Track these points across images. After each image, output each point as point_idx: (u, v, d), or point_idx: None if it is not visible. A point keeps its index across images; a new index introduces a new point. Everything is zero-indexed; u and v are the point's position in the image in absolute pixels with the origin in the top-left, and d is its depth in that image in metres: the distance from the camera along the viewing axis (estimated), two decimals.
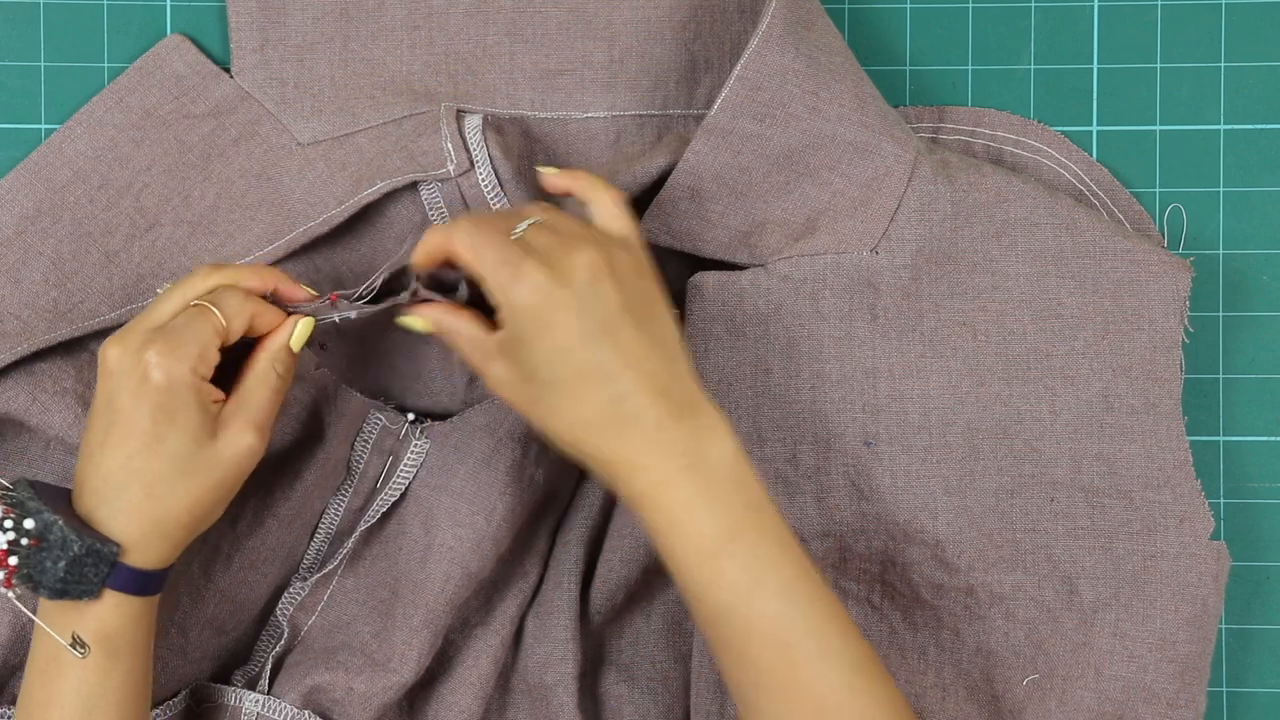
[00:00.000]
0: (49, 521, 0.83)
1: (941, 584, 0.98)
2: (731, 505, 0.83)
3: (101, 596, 0.84)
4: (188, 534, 0.86)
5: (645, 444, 0.82)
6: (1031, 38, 1.03)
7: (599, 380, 0.82)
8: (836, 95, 0.95)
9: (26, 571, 0.83)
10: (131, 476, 0.84)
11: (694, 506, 0.82)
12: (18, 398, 0.93)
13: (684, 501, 0.82)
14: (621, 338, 0.83)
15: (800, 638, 0.82)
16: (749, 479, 0.84)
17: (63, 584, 0.83)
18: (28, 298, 0.97)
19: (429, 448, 0.96)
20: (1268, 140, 1.02)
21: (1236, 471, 1.03)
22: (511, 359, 0.84)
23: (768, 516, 0.84)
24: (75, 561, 0.82)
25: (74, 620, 0.84)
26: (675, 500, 0.82)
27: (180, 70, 1.00)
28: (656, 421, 0.82)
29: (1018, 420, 0.97)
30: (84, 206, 0.99)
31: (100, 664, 0.85)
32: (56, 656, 0.85)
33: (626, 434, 0.82)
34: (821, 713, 0.82)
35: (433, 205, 0.97)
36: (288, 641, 0.96)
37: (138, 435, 0.84)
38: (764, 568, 0.83)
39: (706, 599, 0.83)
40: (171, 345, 0.84)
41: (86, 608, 0.84)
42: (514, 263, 0.83)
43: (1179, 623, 0.97)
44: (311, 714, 0.94)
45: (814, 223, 0.98)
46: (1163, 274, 0.97)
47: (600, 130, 1.01)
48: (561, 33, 1.01)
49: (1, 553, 0.83)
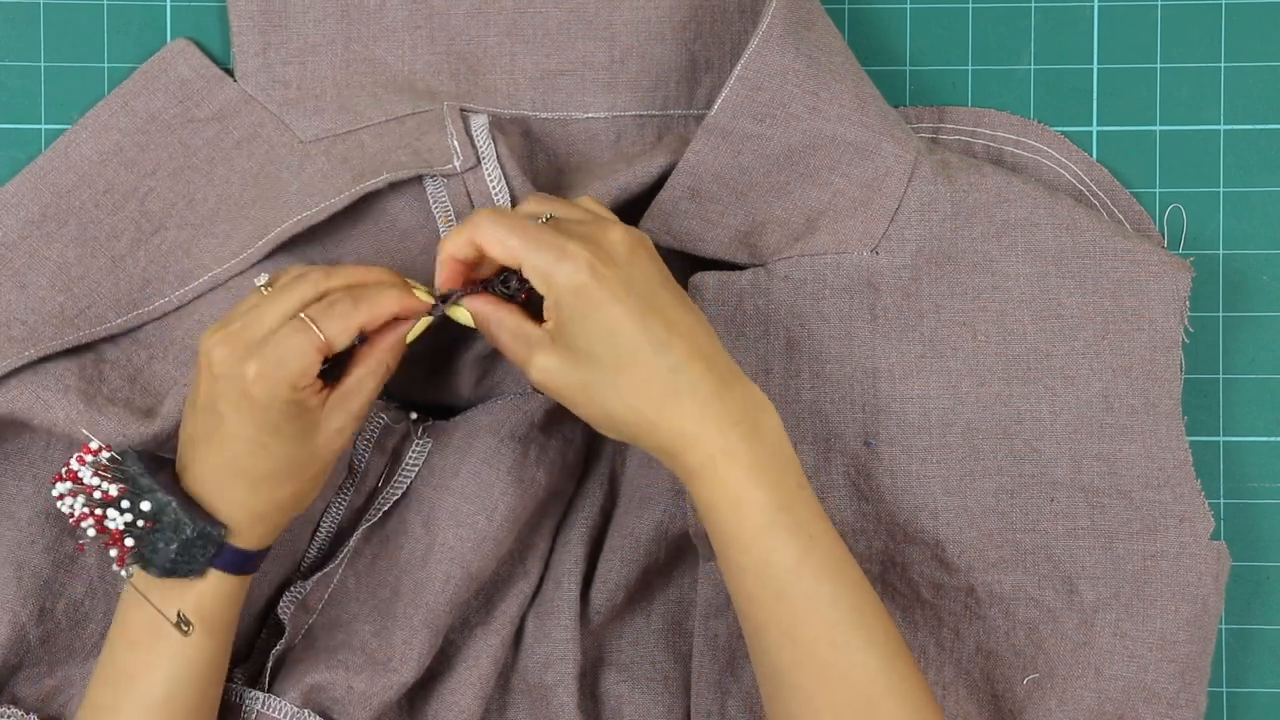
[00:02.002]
0: (163, 503, 0.84)
1: (941, 584, 0.98)
2: (784, 479, 0.84)
3: (205, 575, 0.85)
4: (288, 518, 0.88)
5: (702, 415, 0.83)
6: (1031, 38, 1.03)
7: (655, 352, 0.83)
8: (837, 95, 0.95)
9: (139, 551, 0.84)
10: (237, 474, 0.85)
11: (750, 478, 0.83)
12: (21, 397, 0.94)
13: (742, 473, 0.83)
14: (667, 310, 0.84)
15: (844, 617, 0.84)
16: (794, 455, 0.85)
17: (172, 564, 0.84)
18: (34, 303, 0.98)
19: (431, 447, 0.96)
20: (1268, 140, 1.02)
21: (1236, 471, 1.02)
22: (562, 345, 0.84)
23: (810, 494, 0.85)
24: (187, 544, 0.84)
25: (173, 597, 0.86)
26: (733, 472, 0.83)
27: (185, 74, 1.01)
28: (712, 391, 0.83)
29: (1018, 420, 0.97)
30: (90, 211, 0.99)
31: (195, 640, 0.86)
32: (152, 630, 0.86)
33: (684, 405, 0.83)
34: (864, 697, 0.83)
35: (438, 201, 0.97)
36: (289, 640, 0.96)
37: (241, 442, 0.85)
38: (812, 545, 0.84)
39: (759, 574, 0.84)
40: (272, 365, 0.83)
41: (188, 585, 0.86)
42: (557, 245, 0.83)
43: (1179, 622, 0.97)
44: (311, 713, 0.94)
45: (814, 223, 0.98)
46: (1163, 274, 0.97)
47: (601, 130, 1.01)
48: (562, 33, 1.01)
49: (118, 533, 0.85)
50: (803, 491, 0.85)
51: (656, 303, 0.84)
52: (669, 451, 0.84)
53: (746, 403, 0.84)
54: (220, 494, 0.85)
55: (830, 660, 0.84)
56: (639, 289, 0.84)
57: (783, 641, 0.84)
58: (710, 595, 0.98)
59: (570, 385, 0.85)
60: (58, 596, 0.97)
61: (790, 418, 0.97)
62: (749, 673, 0.98)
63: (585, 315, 0.83)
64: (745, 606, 0.85)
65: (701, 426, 0.83)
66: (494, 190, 0.96)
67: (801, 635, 0.84)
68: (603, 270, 0.83)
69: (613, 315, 0.83)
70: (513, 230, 0.84)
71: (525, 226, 0.84)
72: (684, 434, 0.84)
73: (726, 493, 0.84)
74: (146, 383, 0.97)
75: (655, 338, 0.83)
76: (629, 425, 0.84)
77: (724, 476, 0.83)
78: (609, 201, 0.97)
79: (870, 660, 0.84)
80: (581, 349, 0.84)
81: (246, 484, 0.85)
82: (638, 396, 0.83)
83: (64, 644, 0.97)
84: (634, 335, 0.83)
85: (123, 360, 0.97)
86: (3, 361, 0.94)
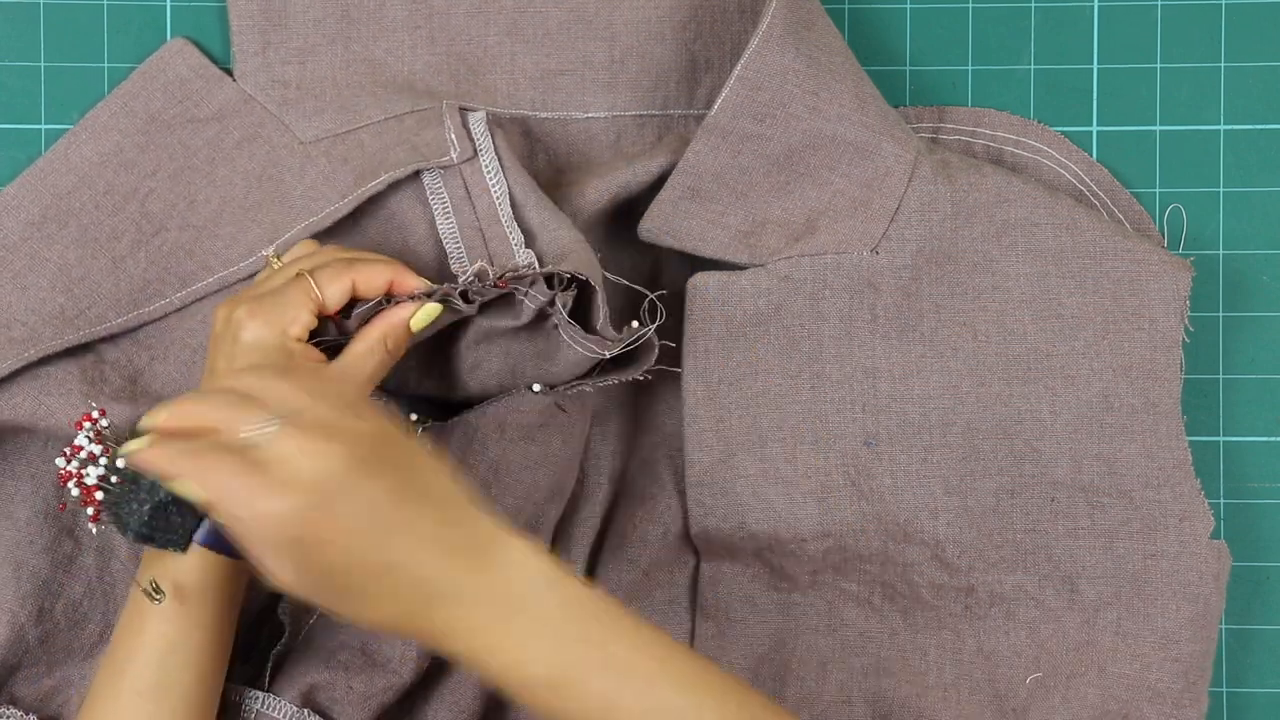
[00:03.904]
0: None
1: (942, 584, 0.98)
2: (563, 637, 0.77)
3: (187, 551, 0.84)
4: None
5: (458, 611, 0.77)
6: (1031, 38, 1.03)
7: (390, 573, 0.76)
8: (837, 95, 0.95)
9: (114, 511, 0.84)
10: None
11: (528, 651, 0.77)
12: (24, 402, 0.94)
13: (516, 648, 0.77)
14: (394, 521, 0.76)
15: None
16: (571, 598, 0.78)
17: (147, 529, 0.83)
18: (34, 304, 0.97)
19: (429, 446, 0.96)
20: (1268, 140, 1.02)
21: (1236, 471, 1.02)
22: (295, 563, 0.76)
23: (604, 628, 0.78)
24: (160, 507, 0.83)
25: (161, 572, 0.86)
26: (508, 655, 0.77)
27: (184, 74, 1.01)
28: (458, 586, 0.76)
29: (1018, 420, 0.97)
30: (90, 212, 0.99)
31: (178, 618, 0.86)
32: (140, 611, 0.87)
33: (437, 611, 0.77)
34: None
35: (434, 191, 0.97)
36: (288, 640, 0.96)
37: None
38: (617, 687, 0.77)
39: None
40: (265, 308, 0.86)
41: (174, 560, 0.86)
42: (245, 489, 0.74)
43: (1181, 622, 0.97)
44: (311, 712, 0.94)
45: (814, 223, 0.98)
46: (1163, 274, 0.97)
47: (600, 130, 1.01)
48: (562, 33, 1.01)
49: (92, 488, 0.85)
50: (589, 642, 0.77)
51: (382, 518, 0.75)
52: (444, 651, 0.78)
53: (505, 572, 0.77)
54: None
55: None
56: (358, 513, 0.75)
57: None
58: (711, 595, 0.98)
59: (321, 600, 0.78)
60: (56, 597, 0.97)
61: (790, 418, 0.97)
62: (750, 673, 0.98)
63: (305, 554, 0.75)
64: None
65: (462, 623, 0.76)
66: (490, 181, 0.96)
67: None
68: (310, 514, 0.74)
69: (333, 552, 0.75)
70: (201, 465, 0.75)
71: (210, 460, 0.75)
72: (448, 635, 0.77)
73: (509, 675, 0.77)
74: (147, 385, 0.97)
75: (386, 558, 0.75)
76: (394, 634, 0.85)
77: (500, 663, 0.77)
78: (609, 201, 0.97)
79: None
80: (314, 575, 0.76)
81: None
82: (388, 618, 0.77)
83: (63, 644, 0.97)
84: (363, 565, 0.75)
85: (124, 361, 0.97)
86: (3, 363, 0.94)
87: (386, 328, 0.89)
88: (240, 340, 0.86)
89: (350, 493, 0.75)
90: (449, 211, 0.97)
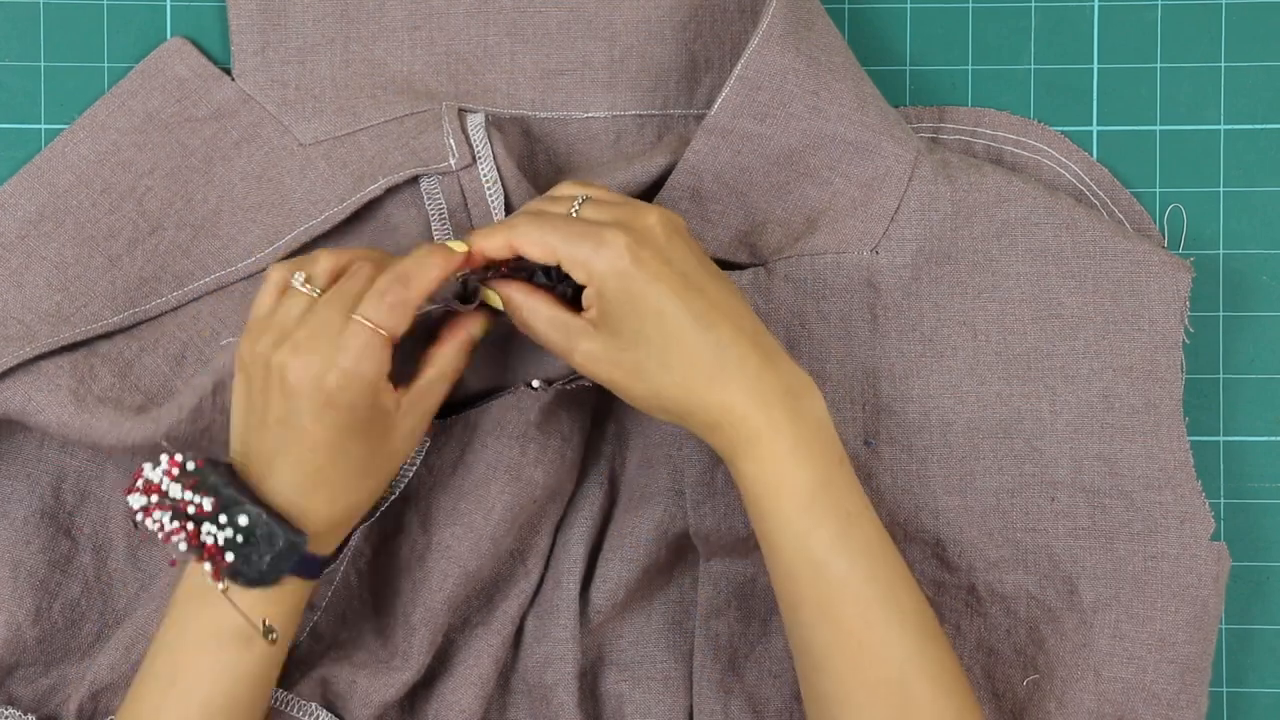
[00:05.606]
0: (256, 516, 0.83)
1: (942, 583, 0.98)
2: (825, 457, 0.85)
3: (281, 584, 0.85)
4: (354, 522, 0.89)
5: (749, 391, 0.84)
6: (1031, 38, 1.03)
7: (701, 330, 0.84)
8: (837, 95, 0.95)
9: (234, 565, 0.83)
10: (320, 485, 0.85)
11: (795, 455, 0.84)
12: (14, 399, 0.93)
13: (785, 449, 0.84)
14: (709, 290, 0.85)
15: (879, 596, 0.84)
16: (835, 435, 0.86)
17: (261, 575, 0.83)
18: (30, 301, 0.97)
19: (429, 446, 0.96)
20: (1268, 140, 1.02)
21: (1236, 471, 1.02)
22: (606, 330, 0.85)
23: (850, 474, 0.86)
24: (277, 555, 0.83)
25: (249, 604, 0.85)
26: (776, 448, 0.84)
27: (182, 73, 1.01)
28: (758, 368, 0.84)
29: (1018, 420, 0.97)
30: (87, 211, 0.99)
31: (263, 652, 0.86)
32: (218, 634, 0.85)
33: (731, 382, 0.84)
34: (897, 677, 0.84)
35: (431, 197, 0.97)
36: (296, 636, 0.96)
37: (324, 451, 0.84)
38: (850, 524, 0.85)
39: (796, 551, 0.84)
40: (352, 373, 0.83)
41: (263, 593, 0.85)
42: (593, 233, 0.84)
43: (1179, 623, 0.96)
44: (319, 706, 0.94)
45: (814, 222, 0.98)
46: (1163, 274, 0.97)
47: (601, 130, 1.01)
48: (562, 33, 1.01)
49: (216, 548, 0.83)
50: (843, 470, 0.86)
51: (697, 282, 0.85)
52: (713, 426, 0.85)
53: (791, 380, 0.85)
54: (300, 504, 0.84)
55: (864, 639, 0.84)
56: (679, 269, 0.85)
57: (817, 618, 0.85)
58: (711, 595, 0.98)
59: (619, 368, 0.86)
60: (54, 596, 0.97)
61: None
62: (751, 672, 0.98)
63: (629, 299, 0.84)
64: (781, 583, 0.86)
65: (747, 402, 0.84)
66: (488, 188, 0.96)
67: (836, 613, 0.84)
68: (642, 253, 0.84)
69: (657, 296, 0.84)
70: (549, 228, 0.85)
71: (560, 222, 0.85)
72: (730, 409, 0.84)
73: (768, 468, 0.84)
74: (137, 378, 0.96)
75: (700, 316, 0.84)
76: (677, 403, 0.85)
77: (767, 452, 0.84)
78: None
79: (904, 640, 0.84)
80: (627, 332, 0.84)
81: (327, 492, 0.85)
82: (687, 374, 0.84)
83: (60, 644, 0.97)
84: (679, 314, 0.84)
85: (113, 354, 0.97)
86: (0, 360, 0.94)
87: (458, 347, 0.89)
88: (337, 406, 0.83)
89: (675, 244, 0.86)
90: (445, 217, 0.97)
